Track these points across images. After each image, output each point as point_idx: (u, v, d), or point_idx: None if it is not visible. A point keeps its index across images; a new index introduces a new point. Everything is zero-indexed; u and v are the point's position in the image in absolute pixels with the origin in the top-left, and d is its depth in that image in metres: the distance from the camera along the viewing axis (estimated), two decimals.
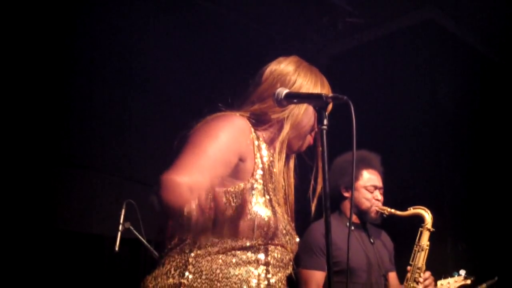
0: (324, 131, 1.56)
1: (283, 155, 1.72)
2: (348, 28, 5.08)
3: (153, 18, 4.53)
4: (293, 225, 1.76)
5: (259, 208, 1.59)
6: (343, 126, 1.89)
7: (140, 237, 3.21)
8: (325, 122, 1.56)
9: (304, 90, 1.72)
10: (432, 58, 5.06)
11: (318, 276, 2.89)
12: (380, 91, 5.20)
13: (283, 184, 1.77)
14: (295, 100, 1.66)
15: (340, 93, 1.61)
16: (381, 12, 5.11)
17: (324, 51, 5.43)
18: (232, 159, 1.59)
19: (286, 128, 1.71)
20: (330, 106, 1.67)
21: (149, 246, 3.16)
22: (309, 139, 1.80)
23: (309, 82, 1.75)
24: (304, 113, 1.74)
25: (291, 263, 1.71)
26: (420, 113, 4.95)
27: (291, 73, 1.75)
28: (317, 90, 1.75)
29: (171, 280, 1.55)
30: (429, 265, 3.03)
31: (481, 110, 5.28)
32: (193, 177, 1.46)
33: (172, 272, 1.56)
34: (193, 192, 1.41)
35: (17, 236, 3.64)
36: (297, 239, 1.74)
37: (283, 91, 1.64)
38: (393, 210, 3.04)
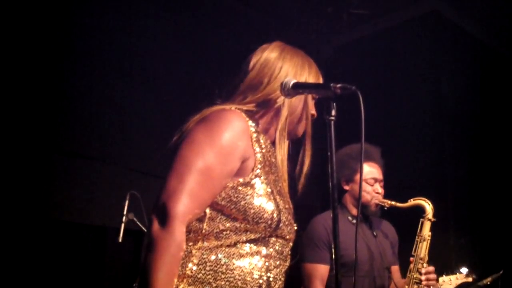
0: (332, 122, 1.53)
1: (284, 144, 1.71)
2: (352, 19, 5.06)
3: (159, 8, 4.52)
4: (292, 212, 1.75)
5: (262, 201, 1.58)
6: (345, 117, 1.88)
7: (143, 228, 3.21)
8: (333, 112, 1.54)
9: (292, 73, 1.71)
10: (436, 49, 5.04)
11: (322, 270, 2.87)
12: (384, 82, 5.18)
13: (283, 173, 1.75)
14: (302, 91, 1.64)
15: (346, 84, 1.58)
16: (385, 3, 5.09)
17: (328, 42, 5.41)
18: (235, 166, 1.58)
19: (284, 114, 1.70)
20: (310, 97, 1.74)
21: None
22: (303, 126, 1.78)
23: (296, 65, 1.74)
24: (298, 98, 1.73)
25: (289, 255, 1.71)
26: (424, 104, 4.93)
27: (277, 58, 1.73)
28: (305, 72, 1.75)
29: None
30: (432, 258, 3.03)
31: (484, 101, 5.26)
32: (200, 199, 1.51)
33: None
34: (193, 217, 1.52)
35: (20, 227, 3.64)
36: (295, 227, 1.73)
37: (290, 81, 1.61)
38: (393, 203, 3.02)
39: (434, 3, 5.03)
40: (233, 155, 1.56)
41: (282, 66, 1.72)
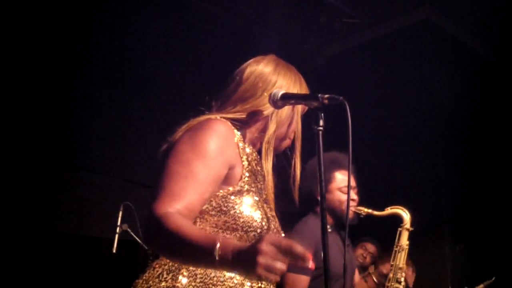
0: (320, 132, 1.55)
1: (270, 156, 1.72)
2: (345, 29, 5.09)
3: (152, 20, 4.53)
4: (278, 221, 1.76)
5: (250, 209, 1.59)
6: (336, 127, 1.89)
7: (137, 238, 3.21)
8: (321, 123, 1.55)
9: (285, 88, 1.72)
10: (429, 57, 5.08)
11: (305, 282, 2.86)
12: (377, 91, 5.20)
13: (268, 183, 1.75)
14: (291, 101, 1.65)
15: (337, 93, 1.60)
16: (377, 12, 5.13)
17: (321, 51, 5.44)
18: (222, 173, 1.58)
19: (272, 127, 1.71)
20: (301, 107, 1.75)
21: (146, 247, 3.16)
22: (288, 142, 1.80)
23: (289, 81, 1.76)
24: (286, 111, 1.74)
25: None
26: (418, 113, 4.95)
27: (271, 73, 1.75)
28: (296, 88, 1.77)
29: (164, 284, 1.52)
30: (428, 265, 3.03)
31: (478, 109, 5.29)
32: (186, 201, 1.46)
33: (165, 275, 1.53)
34: (187, 217, 1.45)
35: (15, 238, 3.63)
36: (283, 235, 1.74)
37: (279, 92, 1.64)
38: (370, 210, 3.00)
39: (425, 12, 5.07)
40: (218, 161, 1.56)
41: (277, 81, 1.73)
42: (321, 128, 1.55)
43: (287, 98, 1.64)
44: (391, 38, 5.26)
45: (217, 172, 1.56)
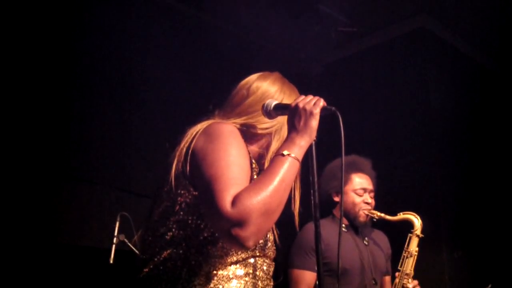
0: (313, 143, 1.56)
1: None
2: (341, 37, 5.10)
3: (152, 32, 4.54)
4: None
5: None
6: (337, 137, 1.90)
7: (134, 249, 3.20)
8: None
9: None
10: (425, 65, 5.09)
11: (309, 277, 2.88)
12: (373, 99, 5.22)
13: None
14: (284, 112, 1.66)
15: (333, 102, 1.61)
16: (373, 21, 5.15)
17: (317, 60, 5.45)
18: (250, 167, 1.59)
19: (274, 145, 1.73)
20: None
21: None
22: None
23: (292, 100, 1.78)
24: (286, 128, 1.74)
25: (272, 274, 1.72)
26: (414, 120, 4.96)
27: (278, 91, 1.78)
28: None
29: None
30: (426, 272, 3.03)
31: (474, 115, 5.31)
32: (242, 183, 1.46)
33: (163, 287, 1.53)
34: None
35: (11, 248, 3.61)
36: (274, 247, 1.76)
37: (272, 103, 1.67)
38: (382, 215, 3.03)
39: (421, 20, 5.10)
40: (248, 158, 1.58)
41: (282, 99, 1.76)
42: (314, 139, 1.56)
43: (280, 109, 1.66)
44: (387, 46, 5.28)
45: (248, 158, 1.58)
